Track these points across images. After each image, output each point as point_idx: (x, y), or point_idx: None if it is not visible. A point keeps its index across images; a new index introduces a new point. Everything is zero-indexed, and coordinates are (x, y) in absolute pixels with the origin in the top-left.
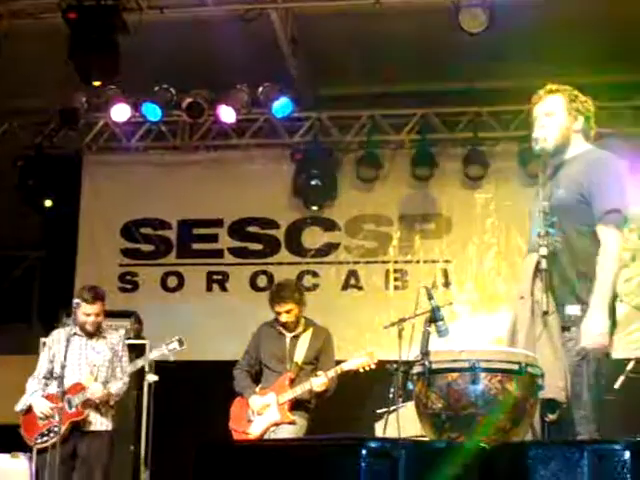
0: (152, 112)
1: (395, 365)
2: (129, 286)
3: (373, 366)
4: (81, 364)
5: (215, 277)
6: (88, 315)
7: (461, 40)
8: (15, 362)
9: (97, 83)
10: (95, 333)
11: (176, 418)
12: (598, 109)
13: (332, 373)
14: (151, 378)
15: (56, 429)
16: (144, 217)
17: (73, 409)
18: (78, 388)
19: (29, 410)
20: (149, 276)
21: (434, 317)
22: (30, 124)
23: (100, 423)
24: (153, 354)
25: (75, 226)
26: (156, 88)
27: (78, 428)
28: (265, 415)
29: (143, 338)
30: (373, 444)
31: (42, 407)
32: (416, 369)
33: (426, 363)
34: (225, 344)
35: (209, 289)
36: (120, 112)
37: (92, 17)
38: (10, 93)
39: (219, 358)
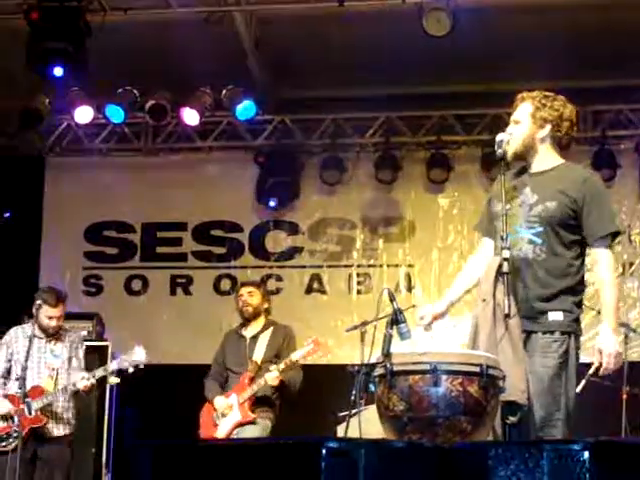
0: (115, 114)
1: (357, 367)
2: (93, 289)
3: (321, 353)
4: (40, 367)
5: (179, 280)
6: (51, 318)
7: (425, 44)
8: None
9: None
10: (55, 335)
11: (139, 421)
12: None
13: (282, 365)
14: (113, 380)
15: (15, 434)
16: (108, 220)
17: (32, 414)
18: (38, 392)
19: None
20: (113, 279)
21: (396, 319)
22: None
23: (57, 429)
24: (114, 365)
25: (38, 228)
26: (119, 90)
27: (37, 434)
28: (229, 416)
29: (105, 340)
30: (332, 444)
31: (2, 408)
32: (378, 371)
33: (388, 365)
34: (189, 348)
35: (173, 293)
36: (83, 114)
37: (55, 18)
38: None
39: (183, 362)
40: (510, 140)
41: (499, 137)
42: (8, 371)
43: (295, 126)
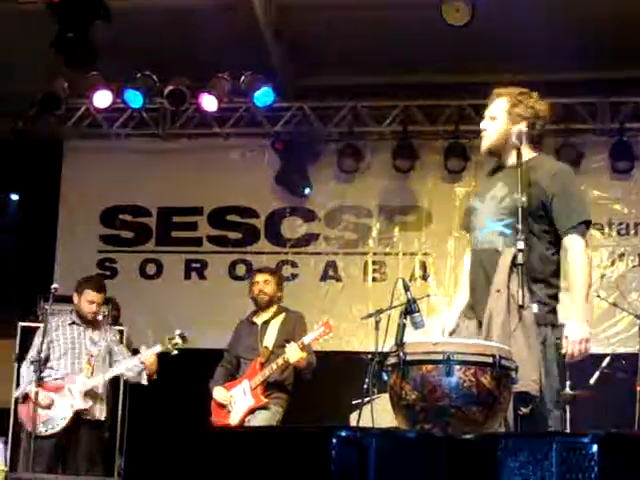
0: (134, 99)
1: (370, 356)
2: (108, 272)
3: (331, 334)
4: (80, 354)
5: (194, 265)
6: (92, 302)
7: (444, 32)
8: None
9: (80, 68)
10: (92, 322)
11: (151, 406)
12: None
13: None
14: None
15: (61, 419)
16: (124, 204)
17: (77, 399)
18: (73, 379)
19: (26, 397)
20: (128, 263)
21: (410, 309)
22: (11, 109)
23: (99, 413)
24: (155, 349)
25: (54, 212)
26: (138, 75)
27: (80, 418)
28: (241, 402)
29: (120, 324)
30: (343, 433)
31: (43, 396)
32: (391, 360)
33: (401, 354)
34: (203, 332)
35: (187, 277)
36: (102, 98)
37: (75, 3)
38: None
39: (196, 346)
40: (484, 135)
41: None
42: (46, 358)
43: (313, 113)
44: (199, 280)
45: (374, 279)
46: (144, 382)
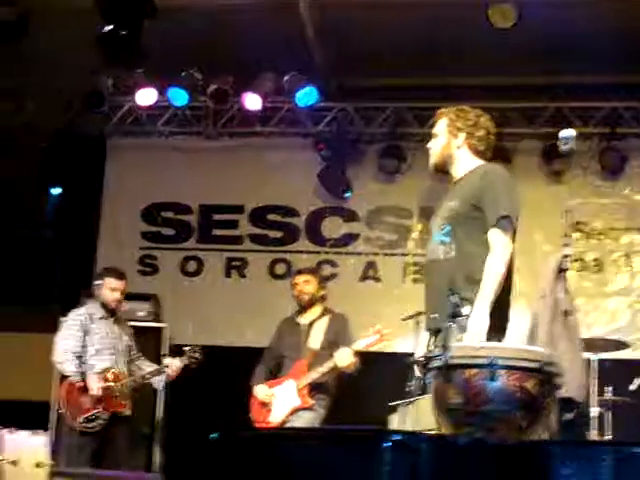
0: (178, 97)
1: (413, 358)
2: (149, 269)
3: (385, 343)
4: (113, 349)
5: (234, 263)
6: (114, 290)
7: (489, 34)
8: (34, 341)
9: (127, 67)
10: (116, 313)
11: (190, 402)
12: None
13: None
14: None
15: (104, 416)
16: (166, 201)
17: (117, 396)
18: (117, 375)
19: (72, 386)
20: (169, 260)
21: (455, 313)
22: (55, 106)
23: (128, 410)
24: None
25: (96, 208)
26: (182, 73)
27: (115, 414)
28: (284, 401)
29: (161, 321)
30: (396, 437)
31: (95, 389)
32: (435, 363)
33: (445, 358)
34: (242, 330)
35: (228, 275)
36: (146, 96)
37: (122, 1)
38: (37, 74)
39: (236, 344)
40: (431, 154)
41: (563, 133)
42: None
43: (356, 114)
44: (239, 278)
45: (414, 280)
46: (160, 388)
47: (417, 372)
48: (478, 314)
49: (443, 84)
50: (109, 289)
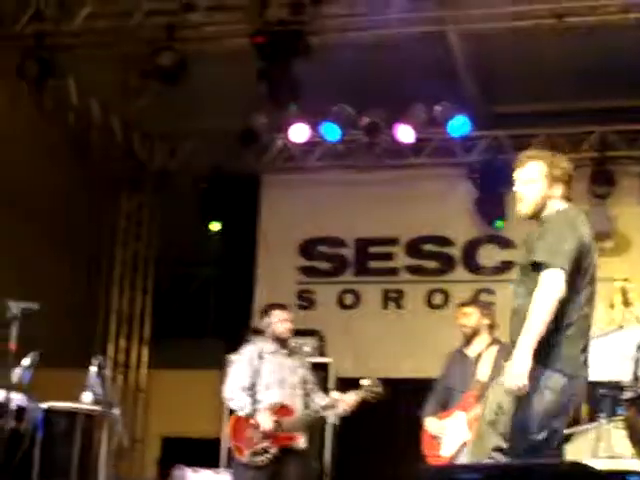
0: (331, 132)
1: (605, 389)
2: (306, 303)
3: None
4: (283, 383)
5: (391, 295)
6: (284, 321)
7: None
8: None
9: (291, 106)
10: (287, 346)
11: (356, 435)
12: None
13: None
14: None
15: (272, 450)
16: (321, 235)
17: (286, 432)
18: (287, 410)
19: (240, 420)
20: (326, 294)
21: None
22: (212, 144)
23: (303, 443)
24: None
25: (252, 244)
26: (334, 108)
27: (287, 449)
28: (455, 435)
29: (326, 356)
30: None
31: (266, 424)
32: (627, 394)
33: (638, 389)
34: (401, 361)
35: (385, 307)
36: (299, 132)
37: (279, 41)
38: (193, 114)
39: (396, 376)
40: (523, 199)
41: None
42: (250, 388)
43: (508, 141)
44: (396, 309)
45: None
46: (335, 421)
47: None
48: (518, 358)
49: (594, 108)
50: (279, 321)
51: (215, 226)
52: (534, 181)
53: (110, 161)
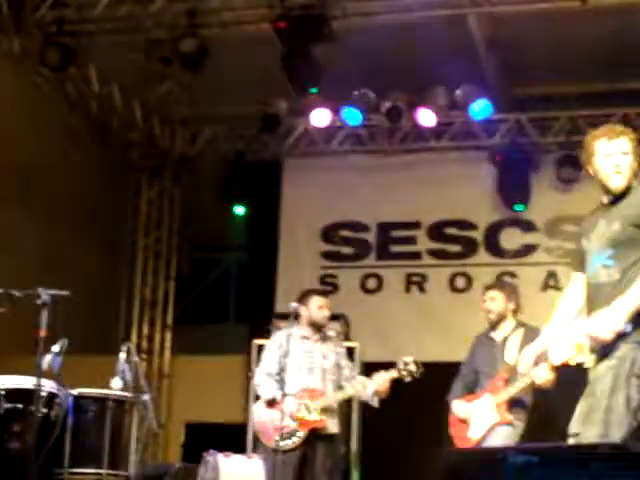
0: (352, 117)
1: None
2: (329, 288)
3: (583, 356)
4: (312, 369)
5: (414, 279)
6: (321, 307)
7: None
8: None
9: (313, 91)
10: (321, 335)
11: (382, 419)
12: None
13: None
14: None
15: (299, 433)
16: (343, 220)
17: (313, 415)
18: (317, 394)
19: (267, 407)
20: (349, 278)
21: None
22: (232, 130)
23: (334, 427)
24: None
25: (274, 230)
26: (355, 92)
27: (315, 433)
28: (482, 417)
29: (351, 340)
30: None
31: (292, 407)
32: None
33: None
34: (425, 345)
35: (408, 290)
36: (320, 117)
37: (300, 26)
38: (214, 99)
39: (420, 359)
40: (621, 172)
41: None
42: (279, 372)
43: (530, 124)
44: (419, 293)
45: None
46: (375, 404)
47: None
48: (613, 313)
49: (617, 90)
50: (317, 307)
51: (238, 211)
52: (628, 154)
53: (131, 147)
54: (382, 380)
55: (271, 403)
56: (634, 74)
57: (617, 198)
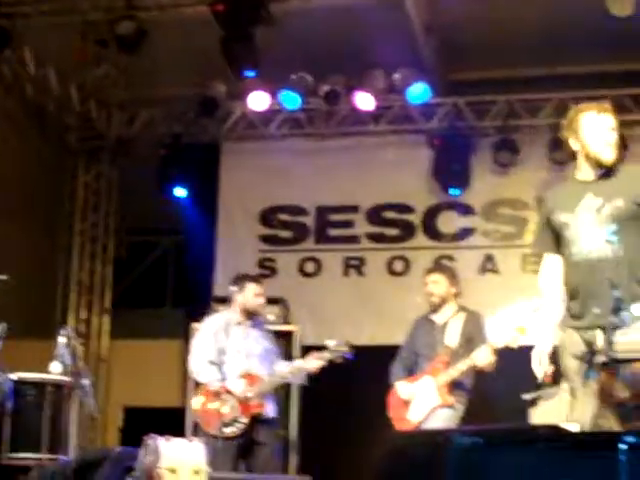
0: (290, 100)
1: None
2: (267, 272)
3: (524, 340)
4: (249, 354)
5: (352, 262)
6: (258, 295)
7: (600, 22)
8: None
9: (250, 74)
10: (253, 317)
11: (320, 402)
12: None
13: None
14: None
15: (242, 419)
16: (282, 204)
17: (254, 400)
18: (254, 379)
19: (207, 393)
20: (287, 262)
21: (618, 307)
22: (170, 113)
23: (272, 412)
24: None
25: (212, 213)
26: (293, 76)
27: (256, 418)
28: (423, 399)
29: (290, 324)
30: (631, 438)
31: (239, 388)
32: (600, 358)
33: (611, 353)
34: (364, 328)
35: (346, 274)
36: (258, 100)
37: (239, 9)
38: (151, 82)
39: (357, 342)
40: (612, 146)
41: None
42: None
43: (467, 108)
44: (357, 277)
45: (534, 271)
46: (304, 383)
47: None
48: None
49: (552, 74)
50: (253, 295)
51: (178, 193)
52: (615, 131)
53: (68, 130)
54: (315, 364)
55: (213, 391)
56: (571, 58)
57: (605, 173)
